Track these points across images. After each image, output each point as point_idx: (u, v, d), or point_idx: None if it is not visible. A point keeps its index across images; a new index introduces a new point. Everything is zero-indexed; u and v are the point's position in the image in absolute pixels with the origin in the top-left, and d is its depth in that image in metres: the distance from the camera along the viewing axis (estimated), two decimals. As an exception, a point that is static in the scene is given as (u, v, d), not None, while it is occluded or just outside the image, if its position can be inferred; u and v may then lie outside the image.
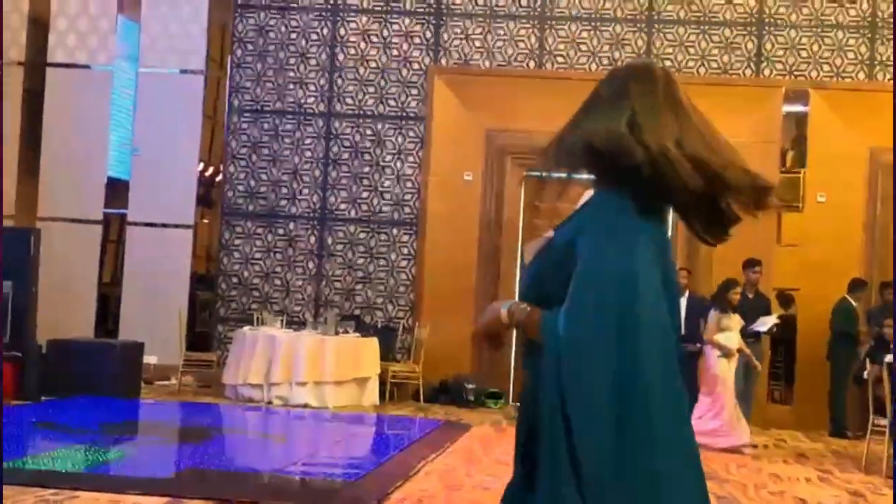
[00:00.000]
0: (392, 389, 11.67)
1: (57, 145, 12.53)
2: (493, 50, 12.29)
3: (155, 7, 12.73)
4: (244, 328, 11.39)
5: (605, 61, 12.09)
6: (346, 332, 11.23)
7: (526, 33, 12.27)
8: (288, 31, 12.56)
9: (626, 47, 12.12)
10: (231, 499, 5.93)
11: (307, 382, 10.77)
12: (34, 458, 7.07)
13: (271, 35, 12.57)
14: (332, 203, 12.44)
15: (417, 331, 11.88)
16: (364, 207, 12.39)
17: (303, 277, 12.41)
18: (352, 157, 12.44)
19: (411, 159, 12.35)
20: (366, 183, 12.41)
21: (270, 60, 12.55)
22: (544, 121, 11.78)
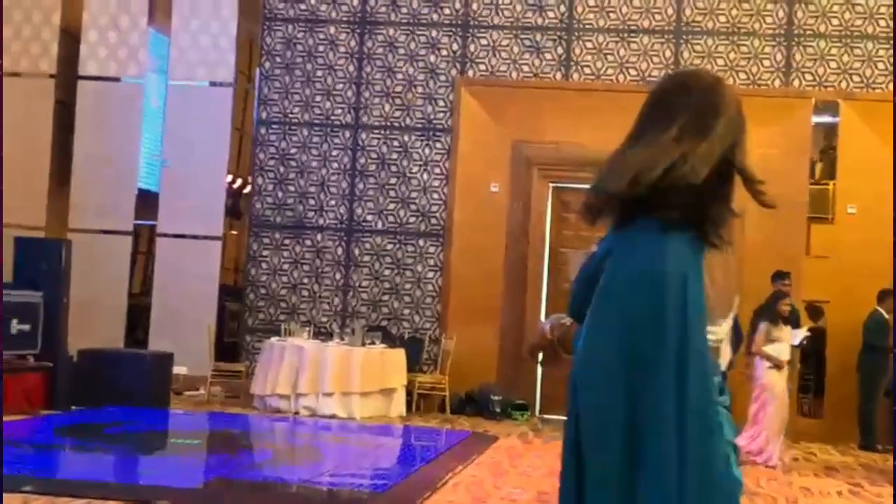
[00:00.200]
0: (418, 400, 11.67)
1: (87, 157, 12.65)
2: (520, 61, 12.30)
3: (185, 20, 12.84)
4: (272, 339, 11.42)
5: (632, 72, 12.07)
6: (373, 343, 11.24)
7: (553, 44, 12.27)
8: (316, 43, 12.63)
9: (654, 58, 12.09)
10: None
11: (334, 393, 10.79)
12: (64, 467, 7.11)
13: (299, 47, 12.64)
14: (359, 214, 12.47)
15: (444, 342, 11.88)
16: (391, 219, 12.42)
17: (330, 288, 12.44)
18: (379, 168, 12.48)
19: (438, 170, 12.37)
20: (392, 194, 12.44)
21: (298, 73, 12.62)
22: (571, 132, 11.88)
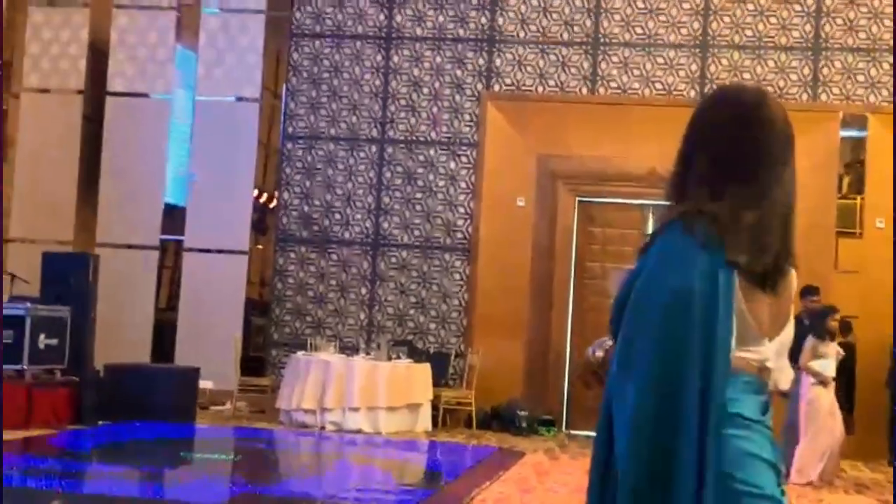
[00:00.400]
0: (444, 415, 11.64)
1: (115, 172, 12.73)
2: (546, 75, 12.29)
3: (212, 37, 12.93)
4: (298, 353, 11.43)
5: (658, 86, 12.04)
6: (399, 358, 11.23)
7: (578, 59, 12.26)
8: (342, 58, 12.67)
9: (680, 72, 12.05)
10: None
11: (360, 408, 10.78)
12: (91, 481, 7.13)
13: (325, 63, 12.69)
14: (384, 229, 12.48)
15: (470, 356, 11.84)
16: (416, 233, 12.42)
17: (355, 303, 12.44)
18: (404, 182, 12.49)
19: (463, 185, 12.37)
20: (418, 208, 12.45)
21: (324, 88, 12.66)
22: (597, 146, 11.86)
